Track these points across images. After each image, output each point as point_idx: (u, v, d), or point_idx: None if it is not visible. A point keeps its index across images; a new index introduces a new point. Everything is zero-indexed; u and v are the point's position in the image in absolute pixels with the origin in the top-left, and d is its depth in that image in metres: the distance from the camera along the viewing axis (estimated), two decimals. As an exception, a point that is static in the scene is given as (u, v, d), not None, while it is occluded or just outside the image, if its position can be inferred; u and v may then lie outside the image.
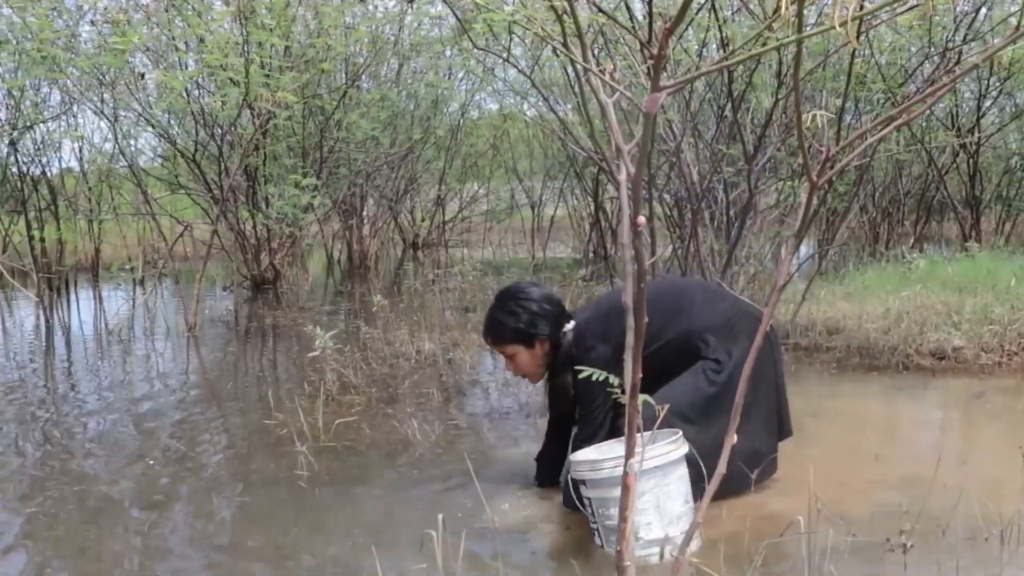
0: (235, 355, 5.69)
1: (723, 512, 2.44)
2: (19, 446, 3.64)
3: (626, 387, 2.05)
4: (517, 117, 10.70)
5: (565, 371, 2.68)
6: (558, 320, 2.72)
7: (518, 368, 2.79)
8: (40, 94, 9.05)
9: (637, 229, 1.55)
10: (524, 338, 2.70)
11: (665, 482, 2.31)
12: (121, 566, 2.45)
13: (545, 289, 2.81)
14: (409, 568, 2.32)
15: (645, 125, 1.42)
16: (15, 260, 9.46)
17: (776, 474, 2.87)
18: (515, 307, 2.70)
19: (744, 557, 2.24)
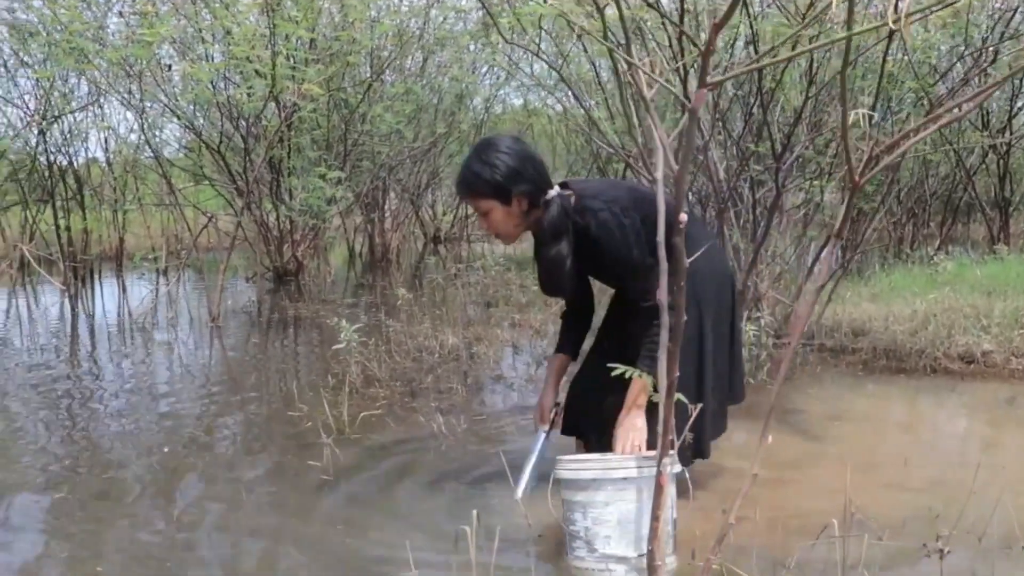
0: (258, 346, 5.70)
1: (756, 514, 2.41)
2: (44, 434, 3.66)
3: (659, 385, 2.04)
4: (541, 113, 10.67)
5: (558, 240, 2.47)
6: (539, 182, 2.48)
7: (492, 226, 2.54)
8: (68, 85, 9.11)
9: (680, 226, 1.53)
10: (501, 193, 2.44)
11: (634, 497, 2.17)
12: (145, 557, 2.45)
13: (527, 146, 2.55)
14: (443, 563, 2.31)
15: (690, 121, 1.40)
16: (42, 249, 9.55)
17: (806, 475, 2.85)
18: (494, 159, 2.44)
19: (776, 561, 2.22)
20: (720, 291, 2.66)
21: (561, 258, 2.47)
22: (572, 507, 2.23)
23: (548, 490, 2.26)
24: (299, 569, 2.36)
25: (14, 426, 3.78)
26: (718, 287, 2.64)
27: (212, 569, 2.38)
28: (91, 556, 2.46)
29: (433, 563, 2.31)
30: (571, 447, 2.86)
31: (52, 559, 2.45)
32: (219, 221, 8.19)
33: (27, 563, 2.42)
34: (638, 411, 2.44)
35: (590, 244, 2.48)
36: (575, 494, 2.22)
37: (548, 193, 2.47)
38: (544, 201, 2.47)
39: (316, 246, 8.82)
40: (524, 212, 2.48)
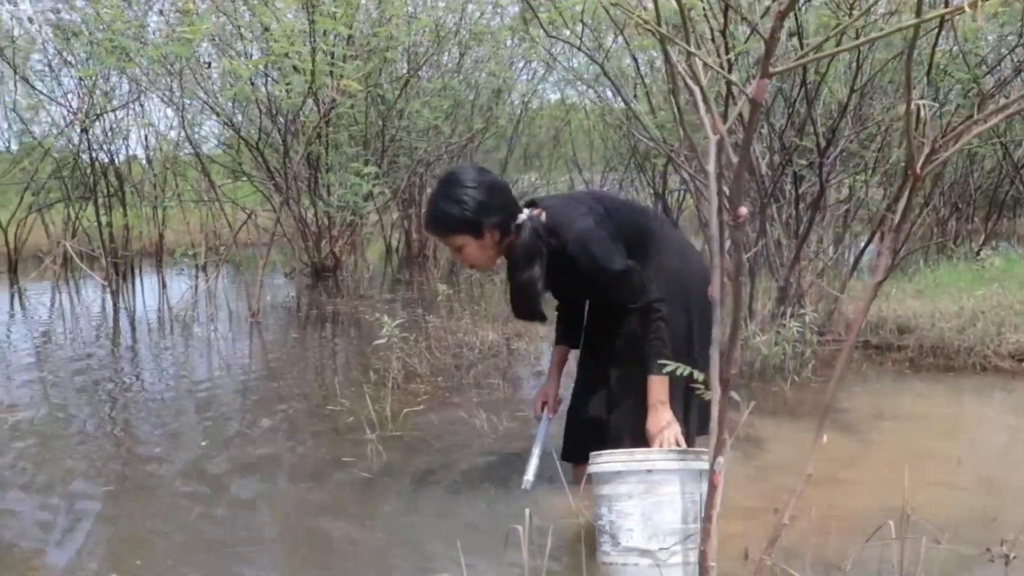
0: (297, 341, 5.72)
1: (806, 514, 2.36)
2: (89, 427, 3.69)
3: (712, 382, 2.01)
4: (578, 108, 10.61)
5: (531, 264, 2.47)
6: (508, 210, 2.48)
7: (466, 259, 2.54)
8: (109, 83, 9.22)
9: (739, 221, 1.49)
10: (472, 227, 2.44)
11: (658, 491, 2.16)
12: (188, 553, 2.45)
13: (492, 176, 2.54)
14: (493, 563, 2.29)
15: (753, 111, 1.37)
16: (84, 245, 9.69)
17: (854, 475, 2.79)
18: (461, 195, 2.42)
19: (830, 562, 2.18)
20: (700, 292, 2.62)
21: (533, 282, 2.48)
22: (599, 501, 2.25)
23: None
24: (344, 567, 2.35)
25: (59, 419, 3.82)
26: (700, 285, 2.62)
27: (252, 567, 2.37)
28: (135, 549, 2.47)
29: (482, 563, 2.29)
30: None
31: (97, 552, 2.46)
32: (258, 217, 8.24)
33: (77, 554, 2.44)
34: (663, 408, 2.46)
35: (566, 262, 2.49)
36: (601, 487, 2.23)
37: (518, 218, 2.48)
38: (515, 226, 2.48)
39: (353, 242, 8.84)
40: (497, 242, 2.49)
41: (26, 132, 9.42)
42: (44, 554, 2.45)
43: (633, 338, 2.54)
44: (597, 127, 10.81)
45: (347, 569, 2.32)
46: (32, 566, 2.37)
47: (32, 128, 9.39)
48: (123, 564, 2.37)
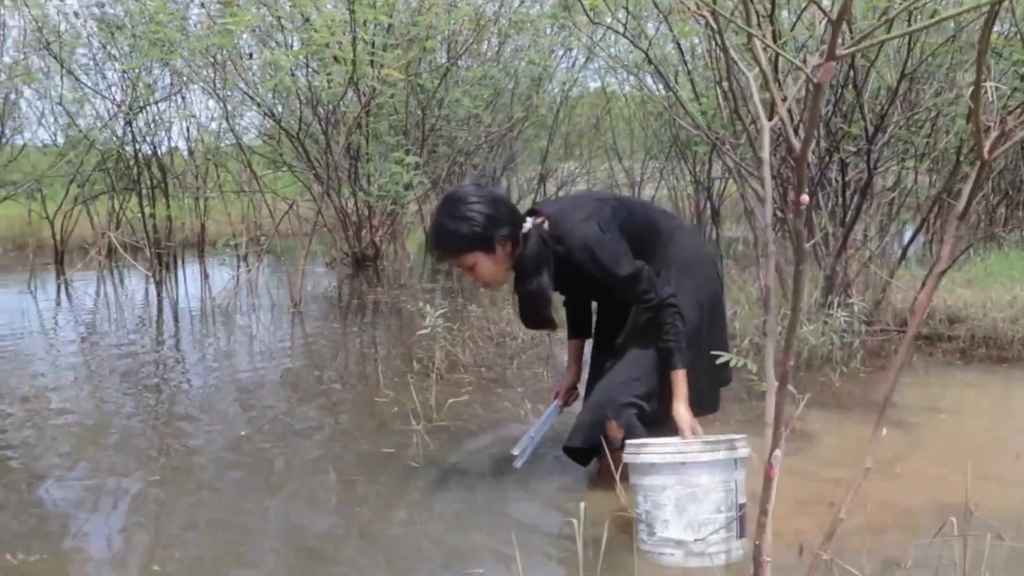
0: (339, 331, 5.74)
1: (867, 507, 2.31)
2: (133, 417, 3.72)
3: (767, 375, 1.97)
4: (617, 96, 10.53)
5: (539, 272, 2.48)
6: (515, 221, 2.48)
7: (480, 278, 2.52)
8: (152, 75, 9.32)
9: (800, 208, 1.45)
10: (483, 243, 2.42)
11: (691, 482, 2.18)
12: (235, 543, 2.45)
13: (491, 188, 2.57)
14: (547, 557, 2.27)
15: (816, 95, 1.32)
16: (128, 236, 9.82)
17: (907, 469, 2.74)
18: (466, 211, 2.41)
19: (888, 558, 2.13)
20: (709, 280, 2.71)
21: (542, 290, 2.49)
22: (636, 491, 2.28)
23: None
24: (394, 560, 2.34)
25: (104, 408, 3.86)
26: (706, 277, 2.70)
27: (299, 558, 2.36)
28: (179, 539, 2.48)
29: (536, 556, 2.26)
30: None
31: (143, 541, 2.47)
32: (299, 207, 8.29)
33: (123, 543, 2.45)
34: (687, 402, 2.52)
35: (572, 268, 2.51)
36: (639, 478, 2.26)
37: (524, 227, 2.49)
38: (523, 235, 2.49)
39: (394, 231, 8.87)
40: (509, 254, 2.49)
41: (72, 125, 9.56)
42: (88, 541, 2.46)
43: (638, 329, 2.61)
44: (637, 115, 10.73)
45: (398, 561, 2.30)
46: (77, 553, 2.38)
47: (78, 121, 9.52)
48: (167, 553, 2.37)
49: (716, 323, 2.71)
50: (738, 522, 2.20)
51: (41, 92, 9.46)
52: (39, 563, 2.32)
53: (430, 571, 2.26)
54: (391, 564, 2.29)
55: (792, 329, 1.66)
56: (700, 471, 2.17)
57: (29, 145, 10.14)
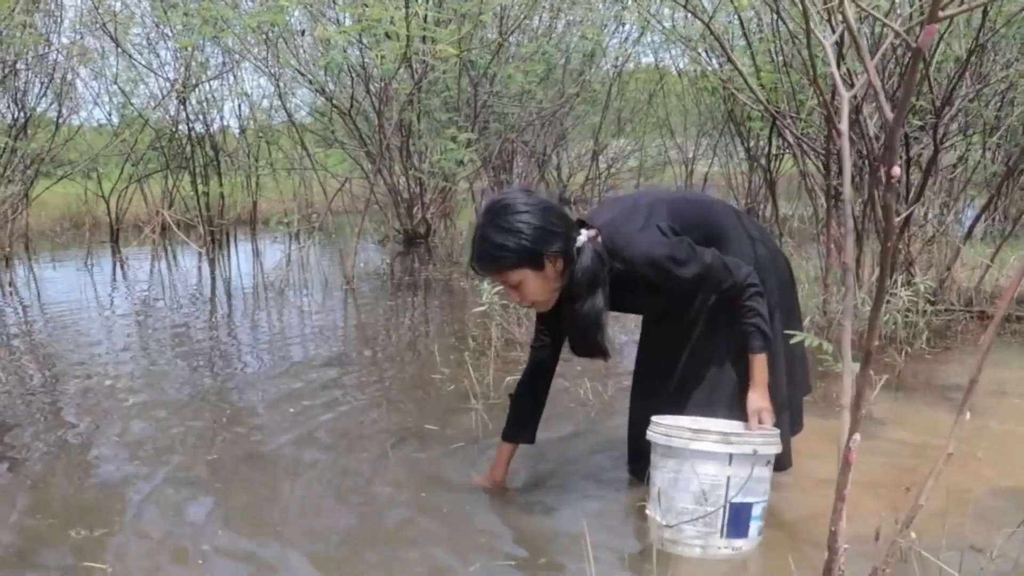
0: (392, 309, 5.74)
1: (946, 493, 2.23)
2: (188, 394, 3.74)
3: (842, 354, 1.90)
4: (668, 72, 10.39)
5: (594, 291, 2.18)
6: (567, 233, 2.17)
7: (526, 297, 2.22)
8: (204, 54, 9.38)
9: (891, 181, 1.38)
10: (532, 259, 2.13)
11: (674, 467, 2.11)
12: (288, 520, 2.44)
13: (542, 197, 2.23)
14: (619, 545, 2.22)
15: (914, 61, 1.25)
16: (182, 214, 9.95)
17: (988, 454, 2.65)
18: (515, 222, 2.11)
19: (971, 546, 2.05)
20: (781, 281, 2.50)
21: (597, 312, 2.20)
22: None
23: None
24: (460, 543, 2.31)
25: (161, 386, 3.89)
26: (779, 277, 2.49)
27: (359, 537, 2.35)
28: (239, 517, 2.48)
29: (607, 545, 2.21)
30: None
31: (203, 518, 2.48)
32: (351, 185, 8.32)
33: (181, 521, 2.46)
34: (763, 389, 2.30)
35: (634, 282, 2.24)
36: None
37: (578, 240, 2.19)
38: (576, 250, 2.18)
39: (445, 209, 8.85)
40: (560, 272, 2.19)
41: (127, 105, 9.68)
42: (145, 519, 2.47)
43: (713, 321, 2.38)
44: (690, 91, 10.58)
45: (465, 543, 2.27)
46: (135, 531, 2.39)
47: (132, 101, 9.63)
48: (227, 532, 2.38)
49: (792, 323, 2.51)
50: (726, 520, 2.10)
51: (96, 72, 9.58)
52: (99, 539, 2.34)
53: (500, 551, 2.23)
54: (454, 541, 2.26)
55: (877, 310, 1.59)
56: (683, 458, 2.09)
57: (85, 125, 10.29)
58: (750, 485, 2.08)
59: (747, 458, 2.08)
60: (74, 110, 9.29)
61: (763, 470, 2.12)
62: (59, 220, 11.82)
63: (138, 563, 2.19)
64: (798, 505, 2.44)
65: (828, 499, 2.30)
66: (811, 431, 2.67)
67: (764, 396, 2.30)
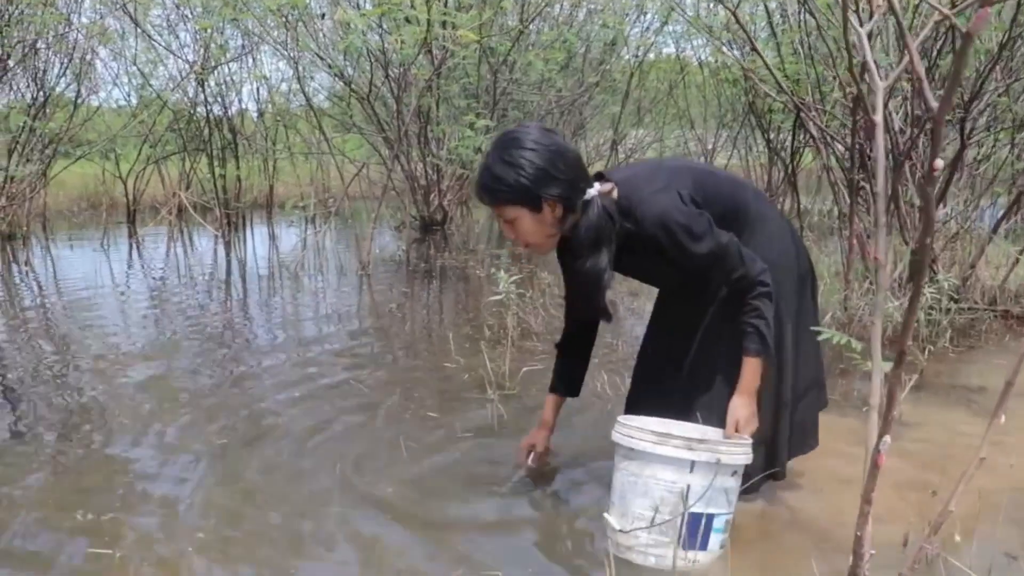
0: (407, 295, 5.70)
1: (974, 497, 2.17)
2: (201, 377, 3.72)
3: (873, 355, 1.84)
4: (692, 62, 10.29)
5: (598, 249, 2.09)
6: (574, 182, 2.08)
7: (520, 236, 2.14)
8: (223, 36, 9.36)
9: (934, 174, 1.32)
10: (528, 198, 2.05)
11: (635, 471, 2.02)
12: (299, 507, 2.41)
13: (558, 139, 2.10)
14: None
15: (964, 47, 1.19)
16: (198, 196, 9.96)
17: (1009, 457, 2.58)
18: (518, 158, 2.03)
19: (998, 552, 2.00)
20: (802, 286, 2.34)
21: (599, 272, 2.11)
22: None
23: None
24: (474, 536, 2.27)
25: (173, 368, 3.87)
26: (799, 281, 2.33)
27: (362, 526, 2.31)
28: (248, 502, 2.45)
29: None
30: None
31: (215, 502, 2.46)
32: (368, 170, 8.29)
33: (193, 505, 2.43)
34: (751, 396, 2.16)
35: (642, 244, 2.13)
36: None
37: (587, 193, 2.10)
38: (583, 202, 2.10)
39: (462, 196, 8.81)
40: (559, 219, 2.10)
41: (145, 86, 9.67)
42: (155, 502, 2.45)
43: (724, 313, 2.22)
44: (710, 82, 10.48)
45: (478, 538, 2.24)
46: (143, 514, 2.37)
47: (151, 81, 9.63)
48: (231, 516, 2.36)
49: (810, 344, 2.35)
50: (685, 531, 1.98)
51: (116, 52, 9.57)
52: (107, 523, 2.31)
53: (517, 547, 2.20)
54: (466, 535, 2.23)
55: (912, 308, 1.53)
56: (644, 462, 2.00)
57: (103, 106, 10.30)
58: (712, 495, 1.97)
59: (710, 467, 1.96)
60: (93, 90, 9.28)
61: (727, 480, 2.00)
62: (76, 200, 11.85)
63: (146, 549, 2.16)
64: (818, 505, 2.39)
65: (849, 500, 2.28)
66: (832, 429, 2.62)
67: (748, 403, 2.16)
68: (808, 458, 2.69)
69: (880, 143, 1.90)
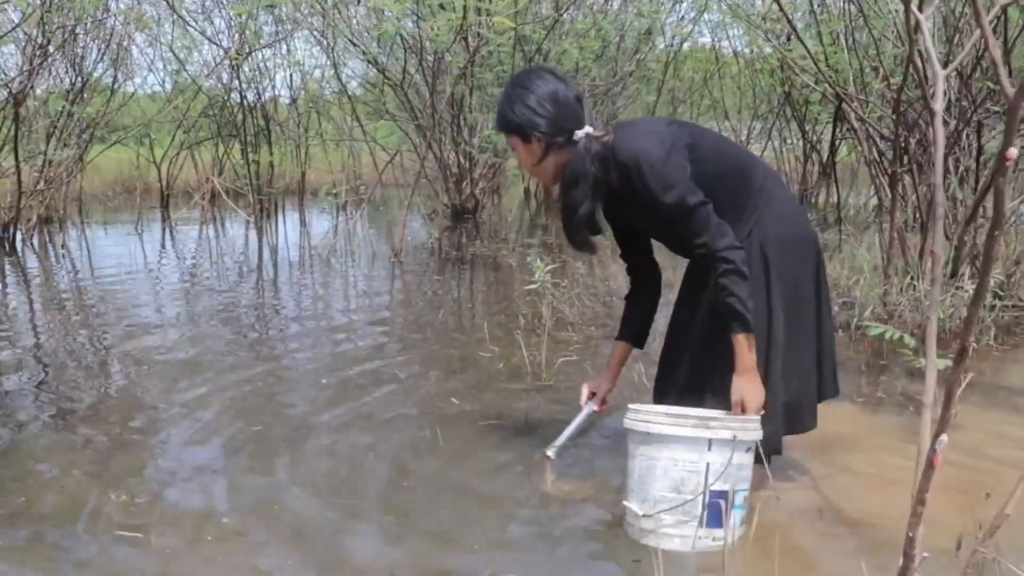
0: (439, 284, 5.68)
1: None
2: (232, 364, 3.71)
3: (927, 352, 1.79)
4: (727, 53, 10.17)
5: (574, 187, 2.24)
6: (558, 122, 2.23)
7: (521, 161, 2.39)
8: (258, 23, 9.38)
9: (1006, 163, 1.27)
10: (519, 130, 2.27)
11: (652, 454, 2.03)
12: (332, 496, 2.40)
13: (557, 87, 2.25)
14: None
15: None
16: (231, 182, 10.01)
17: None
18: (518, 96, 2.26)
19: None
20: (800, 263, 2.30)
21: (574, 206, 2.26)
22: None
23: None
24: (509, 530, 2.24)
25: (205, 352, 3.88)
26: (797, 257, 2.29)
27: (393, 515, 2.29)
28: (282, 493, 2.44)
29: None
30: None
31: (249, 492, 2.45)
32: (402, 157, 8.28)
33: (228, 493, 2.43)
34: (749, 373, 2.16)
35: (625, 189, 2.22)
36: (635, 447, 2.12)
37: (575, 134, 2.23)
38: (572, 142, 2.24)
39: (494, 185, 8.78)
40: (543, 152, 2.27)
41: (180, 72, 9.72)
42: (186, 486, 2.46)
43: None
44: (745, 73, 10.35)
45: (515, 532, 2.21)
46: (175, 497, 2.37)
47: (186, 67, 9.67)
48: (262, 502, 2.34)
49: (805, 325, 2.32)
50: (706, 509, 2.00)
51: (152, 38, 9.62)
52: (141, 506, 2.31)
53: (541, 530, 2.17)
54: (503, 528, 2.20)
55: (976, 303, 1.47)
56: (662, 444, 2.02)
57: (139, 92, 10.38)
58: (730, 472, 2.00)
59: (727, 444, 1.99)
60: (129, 76, 9.34)
61: (744, 456, 2.04)
62: (111, 184, 11.97)
63: (177, 534, 2.16)
64: (863, 504, 2.34)
65: (894, 498, 2.23)
66: (874, 427, 2.57)
67: (748, 381, 2.17)
68: (852, 455, 2.65)
69: (939, 133, 1.84)
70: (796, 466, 2.56)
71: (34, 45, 6.94)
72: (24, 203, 7.45)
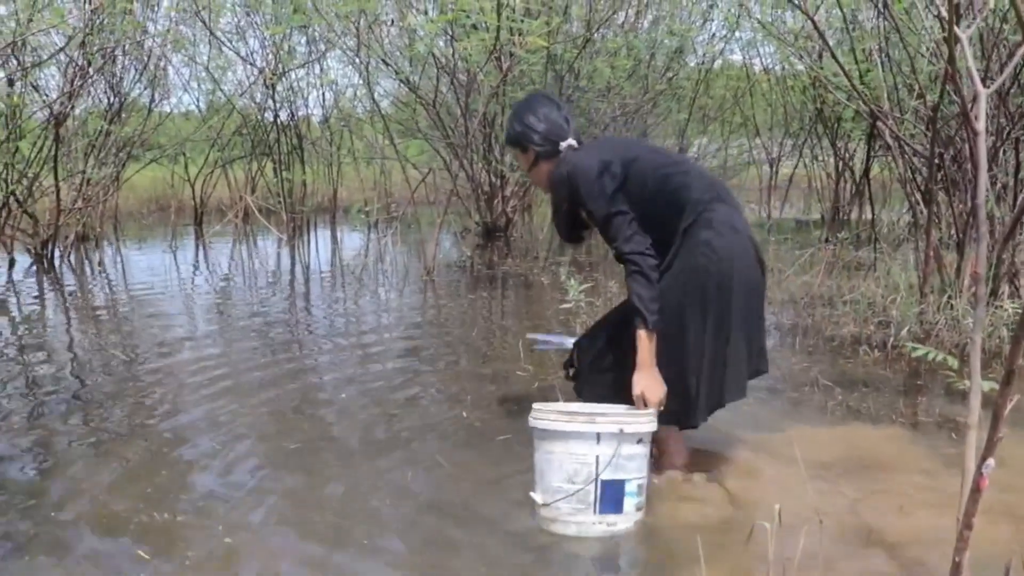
0: (472, 302, 5.69)
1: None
2: (264, 376, 3.76)
3: (972, 371, 1.77)
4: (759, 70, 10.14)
5: (557, 189, 2.64)
6: (547, 135, 2.69)
7: (521, 168, 2.91)
8: (291, 43, 9.50)
9: None
10: (518, 144, 2.75)
11: (549, 449, 2.26)
12: (364, 511, 2.42)
13: (548, 105, 2.74)
14: (732, 553, 2.14)
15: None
16: (263, 200, 10.10)
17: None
18: (521, 117, 2.73)
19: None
20: (726, 291, 2.43)
21: (558, 204, 2.68)
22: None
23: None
24: (525, 542, 2.24)
25: (239, 368, 3.91)
26: (729, 274, 2.43)
27: (424, 536, 2.30)
28: (321, 509, 2.45)
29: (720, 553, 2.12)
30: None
31: (277, 507, 2.46)
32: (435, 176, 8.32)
33: (266, 509, 2.44)
34: (647, 368, 2.40)
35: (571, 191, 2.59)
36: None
37: (560, 146, 2.66)
38: (558, 153, 2.67)
39: (525, 203, 8.79)
40: (534, 163, 2.71)
41: (215, 91, 9.85)
42: (225, 504, 2.47)
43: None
44: (776, 89, 10.31)
45: (549, 553, 2.21)
46: (215, 515, 2.39)
47: (221, 87, 9.80)
48: (308, 524, 2.35)
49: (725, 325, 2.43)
50: (598, 497, 2.22)
51: (188, 58, 9.77)
52: (181, 524, 2.34)
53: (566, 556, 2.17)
54: (524, 545, 2.20)
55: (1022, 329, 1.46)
56: (554, 439, 2.24)
57: (174, 111, 10.53)
58: (619, 462, 2.21)
59: (613, 436, 2.20)
60: (165, 96, 9.49)
61: (634, 447, 2.24)
62: (146, 202, 12.13)
63: (207, 550, 2.17)
64: (905, 528, 2.31)
65: (937, 522, 2.20)
66: (910, 448, 2.53)
67: (645, 376, 2.39)
68: (888, 476, 2.62)
69: (983, 152, 1.84)
70: (836, 489, 2.54)
71: (75, 67, 7.07)
72: (62, 221, 7.57)
